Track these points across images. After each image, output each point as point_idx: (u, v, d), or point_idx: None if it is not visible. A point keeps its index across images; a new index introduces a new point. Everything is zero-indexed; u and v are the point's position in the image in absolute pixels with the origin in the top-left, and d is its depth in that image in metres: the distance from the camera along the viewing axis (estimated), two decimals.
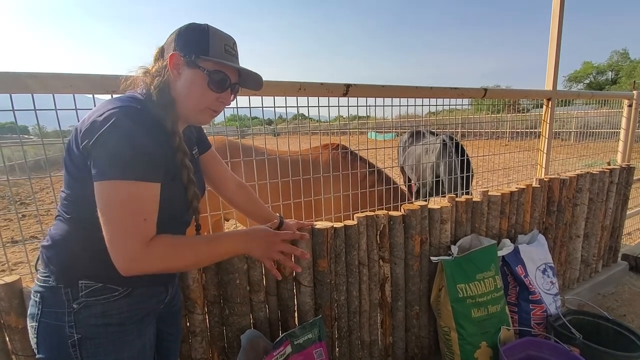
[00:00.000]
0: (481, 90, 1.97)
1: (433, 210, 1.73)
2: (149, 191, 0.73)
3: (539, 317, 1.88)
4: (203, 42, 0.81)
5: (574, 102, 3.04)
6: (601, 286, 2.61)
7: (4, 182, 1.13)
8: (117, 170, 0.69)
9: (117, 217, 0.70)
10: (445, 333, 1.75)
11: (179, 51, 0.81)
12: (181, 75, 0.82)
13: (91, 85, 1.10)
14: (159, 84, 0.82)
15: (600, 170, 2.46)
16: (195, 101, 0.84)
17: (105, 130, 0.69)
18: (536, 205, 2.12)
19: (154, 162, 0.74)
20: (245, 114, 1.58)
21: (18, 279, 1.03)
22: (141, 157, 0.72)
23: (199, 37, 0.81)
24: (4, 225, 5.36)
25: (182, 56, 0.81)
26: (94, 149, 0.70)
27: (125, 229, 0.70)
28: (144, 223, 0.72)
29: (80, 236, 0.78)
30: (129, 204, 0.70)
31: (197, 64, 0.81)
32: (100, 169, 0.70)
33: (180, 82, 0.83)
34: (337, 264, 1.49)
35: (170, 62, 0.81)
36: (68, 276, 0.79)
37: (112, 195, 0.70)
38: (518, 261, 1.90)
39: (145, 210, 0.73)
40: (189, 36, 0.82)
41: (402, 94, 1.70)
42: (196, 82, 0.82)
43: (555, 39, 2.26)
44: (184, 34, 0.82)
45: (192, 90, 0.82)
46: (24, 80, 1.01)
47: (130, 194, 0.70)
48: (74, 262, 0.80)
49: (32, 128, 9.51)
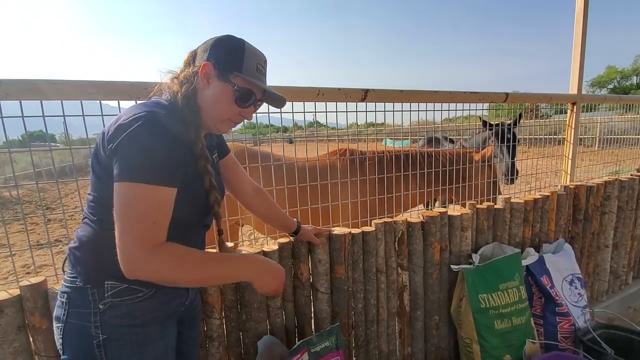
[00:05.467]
0: (502, 95, 1.93)
1: (453, 217, 1.69)
2: (163, 196, 0.74)
3: (567, 331, 1.79)
4: (238, 59, 0.83)
5: (598, 108, 2.93)
6: (632, 299, 2.48)
7: (31, 187, 1.16)
8: (134, 173, 0.71)
9: (126, 217, 0.71)
10: (466, 345, 1.69)
11: (212, 62, 0.82)
12: (210, 85, 0.83)
13: (118, 92, 1.13)
14: (186, 91, 0.83)
15: (630, 177, 2.36)
16: (220, 113, 0.86)
17: (129, 134, 0.71)
18: (561, 213, 2.04)
19: (172, 168, 0.75)
20: (262, 122, 1.60)
21: (43, 280, 1.06)
22: (160, 161, 0.73)
23: (235, 53, 0.83)
24: (30, 229, 5.57)
25: (215, 68, 0.82)
26: (117, 151, 0.72)
27: (132, 230, 0.70)
28: (152, 226, 0.72)
29: (106, 237, 0.78)
30: (140, 206, 0.71)
31: (229, 79, 0.83)
32: (120, 170, 0.71)
33: (208, 91, 0.84)
34: (355, 270, 1.47)
35: (202, 70, 0.82)
36: (95, 277, 0.80)
37: (126, 196, 0.71)
38: (543, 271, 1.82)
39: (156, 214, 0.73)
40: (224, 49, 0.83)
41: (420, 99, 1.68)
42: (224, 95, 0.84)
43: (580, 42, 2.20)
44: (220, 46, 0.83)
45: (219, 103, 0.84)
46: (57, 86, 1.04)
47: (144, 197, 0.71)
48: (101, 263, 0.80)
49: (59, 136, 9.81)
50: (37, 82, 1.03)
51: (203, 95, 0.84)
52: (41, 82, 1.03)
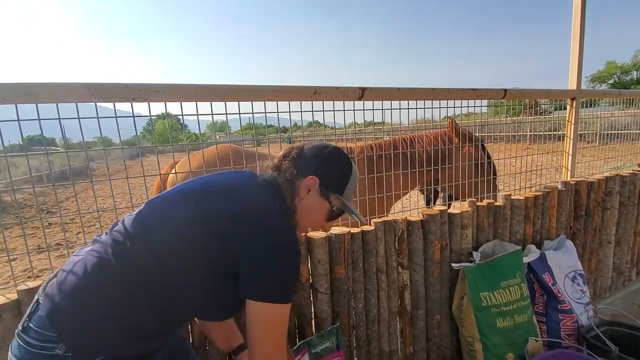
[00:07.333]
0: (501, 91, 1.91)
1: (453, 215, 1.68)
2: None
3: (570, 328, 1.78)
4: (343, 184, 0.91)
5: (598, 103, 2.91)
6: (636, 295, 2.46)
7: (31, 190, 1.16)
8: (285, 297, 0.78)
9: (271, 334, 0.78)
10: (468, 343, 1.68)
11: (319, 179, 0.88)
12: (309, 196, 0.89)
13: (113, 94, 1.12)
14: (290, 192, 0.87)
15: (631, 172, 2.34)
16: (309, 223, 0.94)
17: (280, 256, 0.76)
18: (562, 209, 2.03)
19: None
20: (261, 122, 1.58)
21: (41, 284, 1.05)
22: (297, 281, 0.83)
23: (342, 176, 0.91)
24: (31, 233, 5.58)
25: (320, 184, 0.88)
26: (265, 268, 0.75)
27: (276, 342, 0.78)
28: (285, 334, 0.82)
29: (132, 311, 0.72)
30: (284, 324, 0.80)
31: (329, 197, 0.90)
32: (270, 290, 0.76)
33: (305, 200, 0.89)
34: (355, 270, 1.46)
35: (307, 182, 0.87)
36: (88, 348, 0.69)
37: (276, 316, 0.77)
38: (545, 268, 1.81)
39: (286, 324, 0.82)
40: (334, 169, 0.91)
41: (418, 96, 1.66)
42: (320, 211, 0.91)
43: (578, 35, 2.18)
44: (330, 164, 0.90)
45: (312, 215, 0.91)
46: (51, 89, 1.04)
47: (285, 315, 0.80)
48: (108, 332, 0.70)
49: (59, 140, 9.90)
50: (32, 85, 1.03)
51: (301, 202, 0.89)
52: (36, 85, 1.03)
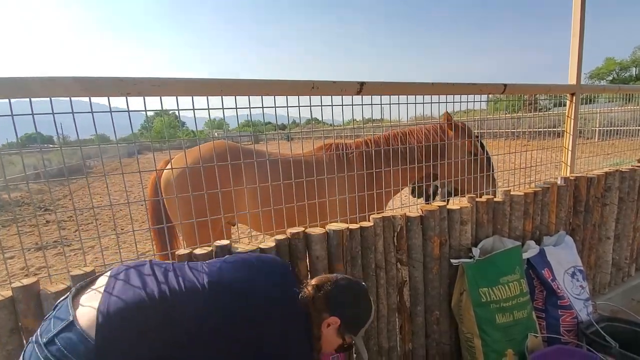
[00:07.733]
0: (500, 86, 1.90)
1: (452, 210, 1.67)
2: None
3: (569, 324, 1.78)
4: (359, 327, 1.04)
5: (597, 99, 2.90)
6: (635, 291, 2.46)
7: (31, 188, 1.14)
8: None
9: None
10: (468, 339, 1.67)
11: (342, 321, 1.00)
12: (327, 330, 1.01)
13: (105, 88, 1.10)
14: (317, 323, 1.00)
15: (631, 168, 2.33)
16: (322, 351, 1.04)
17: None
18: (562, 205, 2.02)
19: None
20: (259, 119, 1.56)
21: (35, 281, 1.04)
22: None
23: (362, 321, 1.05)
24: (29, 231, 5.56)
25: (340, 325, 1.01)
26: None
27: None
28: None
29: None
30: None
31: (344, 337, 1.03)
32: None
33: (324, 332, 1.01)
34: (353, 267, 1.45)
35: (329, 320, 0.99)
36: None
37: None
38: (544, 264, 1.80)
39: None
40: (357, 314, 1.04)
41: (418, 91, 1.65)
42: (333, 344, 1.04)
43: (578, 31, 2.17)
44: (354, 309, 1.04)
45: (327, 347, 1.04)
46: (43, 83, 1.02)
47: None
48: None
49: (57, 138, 9.90)
50: (23, 79, 1.01)
51: (321, 332, 1.01)
52: (28, 79, 1.01)
